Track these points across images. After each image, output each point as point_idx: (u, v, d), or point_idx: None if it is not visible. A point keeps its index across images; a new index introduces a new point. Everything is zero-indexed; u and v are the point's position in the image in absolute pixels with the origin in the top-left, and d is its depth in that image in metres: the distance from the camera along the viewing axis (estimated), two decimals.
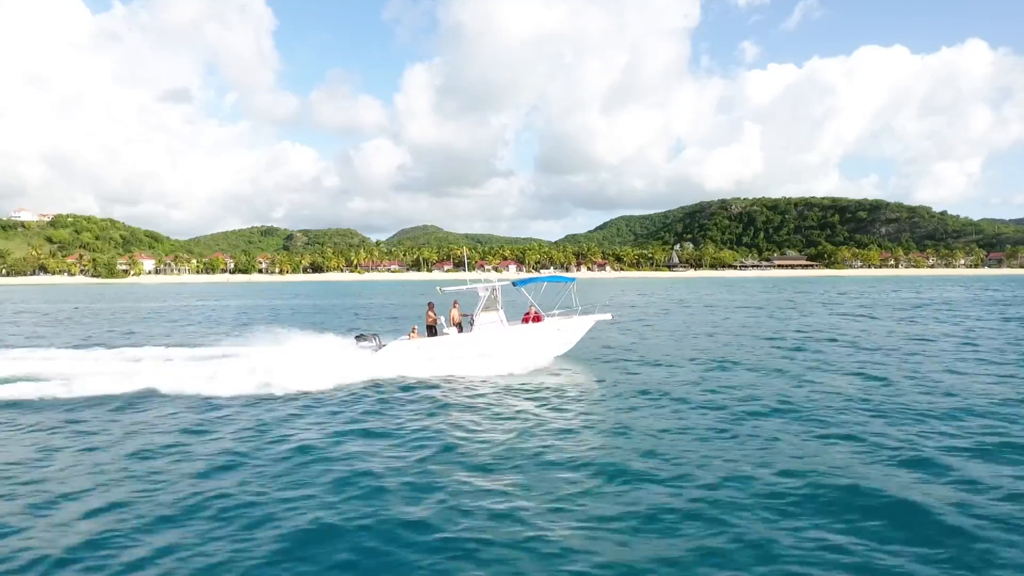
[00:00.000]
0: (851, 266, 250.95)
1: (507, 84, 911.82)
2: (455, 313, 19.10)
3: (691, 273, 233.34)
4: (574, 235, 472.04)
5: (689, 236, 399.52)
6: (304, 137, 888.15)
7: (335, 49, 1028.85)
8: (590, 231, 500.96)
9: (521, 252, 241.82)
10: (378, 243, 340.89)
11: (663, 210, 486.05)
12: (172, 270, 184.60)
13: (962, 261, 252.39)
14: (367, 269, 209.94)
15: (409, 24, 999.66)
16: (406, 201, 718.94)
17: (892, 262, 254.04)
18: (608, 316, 20.78)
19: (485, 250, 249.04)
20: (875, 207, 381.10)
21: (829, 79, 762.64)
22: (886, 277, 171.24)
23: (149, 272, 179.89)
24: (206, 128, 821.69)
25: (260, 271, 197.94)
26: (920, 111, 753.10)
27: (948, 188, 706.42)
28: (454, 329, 18.80)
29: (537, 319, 19.48)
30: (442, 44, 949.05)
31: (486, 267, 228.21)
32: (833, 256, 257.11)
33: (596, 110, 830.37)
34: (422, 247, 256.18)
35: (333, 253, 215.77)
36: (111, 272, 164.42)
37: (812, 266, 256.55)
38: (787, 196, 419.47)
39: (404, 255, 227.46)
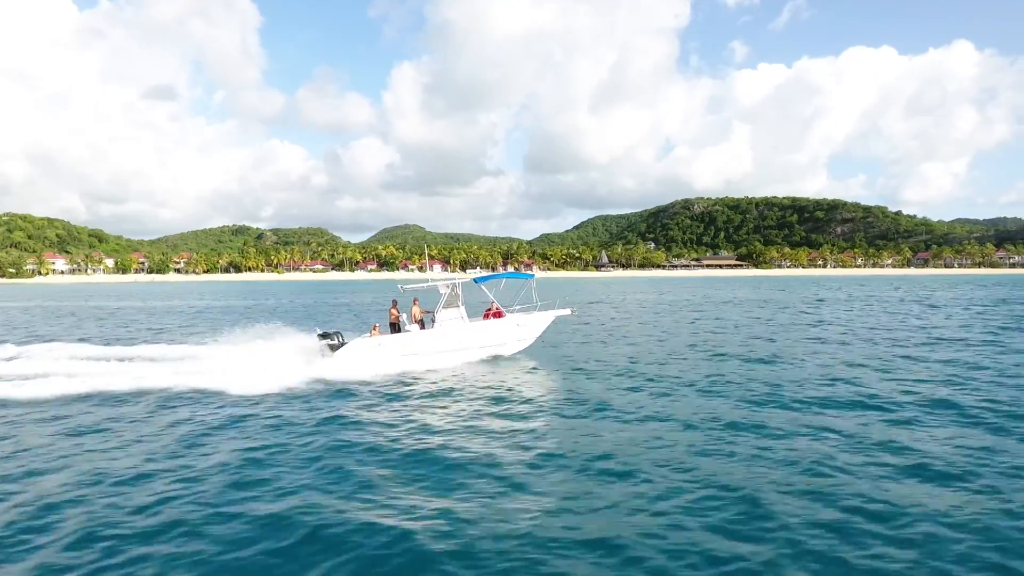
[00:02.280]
0: (779, 266, 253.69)
1: (496, 82, 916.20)
2: (416, 310, 19.27)
3: (616, 273, 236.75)
4: (548, 234, 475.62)
5: (651, 236, 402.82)
6: (292, 136, 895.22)
7: (321, 47, 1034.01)
8: (568, 230, 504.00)
9: (448, 252, 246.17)
10: (364, 244, 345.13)
11: (639, 209, 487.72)
12: (83, 270, 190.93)
13: (889, 261, 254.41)
14: (288, 269, 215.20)
15: (396, 22, 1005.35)
16: (395, 200, 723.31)
17: (820, 262, 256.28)
18: (568, 311, 21.16)
19: (411, 250, 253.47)
20: (832, 207, 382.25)
21: (818, 79, 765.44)
22: (797, 277, 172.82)
23: (62, 272, 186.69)
24: (193, 126, 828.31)
25: (177, 271, 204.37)
26: (908, 112, 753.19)
27: (934, 188, 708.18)
28: (416, 326, 18.94)
29: (498, 315, 19.83)
30: (430, 42, 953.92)
31: (410, 267, 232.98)
32: (762, 256, 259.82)
33: (585, 109, 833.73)
34: (345, 247, 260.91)
35: (256, 252, 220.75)
36: (19, 272, 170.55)
37: (741, 266, 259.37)
38: (749, 196, 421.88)
39: (330, 256, 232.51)
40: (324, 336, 18.65)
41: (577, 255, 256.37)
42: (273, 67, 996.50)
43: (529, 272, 24.24)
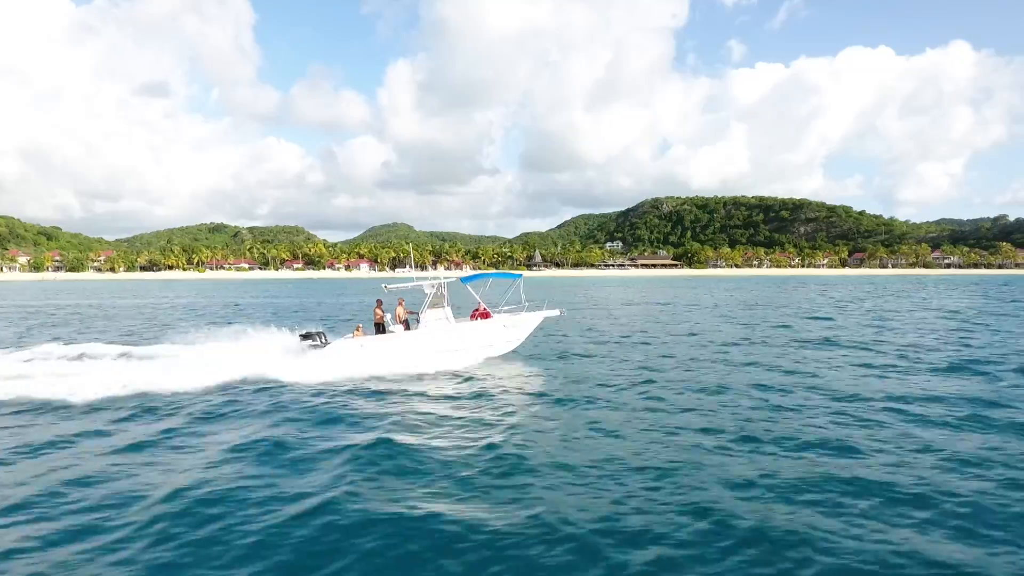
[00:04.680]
0: (716, 265, 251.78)
1: (491, 80, 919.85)
2: (400, 311, 18.82)
3: (543, 273, 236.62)
4: (528, 233, 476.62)
5: (620, 235, 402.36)
6: (288, 134, 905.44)
7: (315, 44, 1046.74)
8: (550, 229, 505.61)
9: (376, 251, 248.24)
10: (292, 242, 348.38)
11: (622, 208, 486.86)
12: None
13: (824, 261, 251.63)
14: (212, 267, 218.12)
15: (390, 19, 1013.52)
16: (392, 199, 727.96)
17: (755, 262, 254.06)
18: (557, 312, 20.49)
19: (340, 249, 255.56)
20: (798, 206, 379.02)
21: (815, 79, 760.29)
22: (716, 277, 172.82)
23: None
24: (188, 123, 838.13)
25: (98, 269, 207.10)
26: (904, 112, 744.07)
27: (930, 188, 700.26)
28: (400, 327, 18.48)
29: (485, 315, 19.29)
30: (425, 39, 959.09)
31: (336, 265, 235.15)
32: (697, 256, 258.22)
33: (581, 108, 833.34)
34: (272, 246, 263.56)
35: (181, 250, 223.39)
36: None
37: (676, 265, 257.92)
38: (718, 195, 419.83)
39: (258, 255, 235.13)
40: (306, 336, 18.29)
41: (509, 254, 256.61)
42: (267, 65, 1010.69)
43: (518, 272, 22.89)
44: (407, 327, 18.65)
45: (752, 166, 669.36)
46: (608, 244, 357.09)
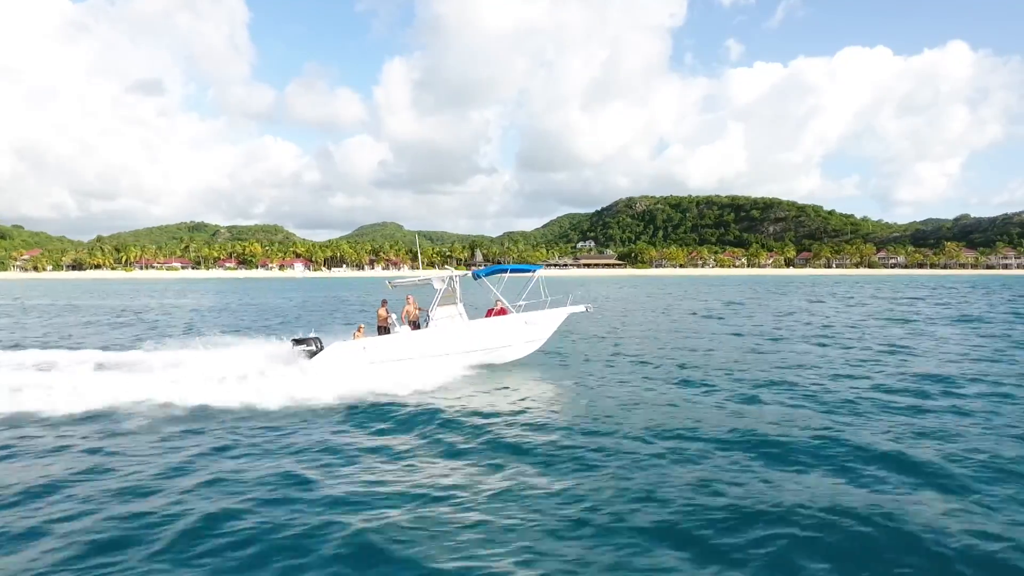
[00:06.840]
0: (660, 265, 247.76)
1: (488, 79, 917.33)
2: (411, 308, 17.39)
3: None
4: (512, 232, 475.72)
5: (592, 234, 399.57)
6: (284, 133, 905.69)
7: (310, 42, 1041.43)
8: (535, 228, 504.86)
9: (311, 248, 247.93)
10: (227, 242, 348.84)
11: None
12: None
13: (770, 261, 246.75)
14: (142, 266, 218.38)
15: (385, 17, 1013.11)
16: (388, 198, 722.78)
17: (699, 261, 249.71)
18: (582, 307, 19.07)
19: (280, 248, 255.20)
20: (768, 205, 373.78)
21: (812, 79, 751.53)
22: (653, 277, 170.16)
23: None
24: (183, 122, 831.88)
25: (23, 269, 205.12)
26: (902, 112, 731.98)
27: (927, 188, 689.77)
28: (407, 327, 17.04)
29: (502, 313, 17.87)
30: (420, 37, 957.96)
31: (270, 264, 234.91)
32: (640, 256, 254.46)
33: (578, 107, 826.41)
34: (203, 245, 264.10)
35: (107, 250, 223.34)
36: None
37: (621, 265, 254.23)
38: (691, 195, 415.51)
39: (193, 254, 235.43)
40: (299, 342, 16.76)
41: (449, 253, 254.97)
42: (262, 63, 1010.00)
43: (537, 264, 21.55)
44: (416, 327, 17.11)
45: (749, 166, 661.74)
46: (580, 243, 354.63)
